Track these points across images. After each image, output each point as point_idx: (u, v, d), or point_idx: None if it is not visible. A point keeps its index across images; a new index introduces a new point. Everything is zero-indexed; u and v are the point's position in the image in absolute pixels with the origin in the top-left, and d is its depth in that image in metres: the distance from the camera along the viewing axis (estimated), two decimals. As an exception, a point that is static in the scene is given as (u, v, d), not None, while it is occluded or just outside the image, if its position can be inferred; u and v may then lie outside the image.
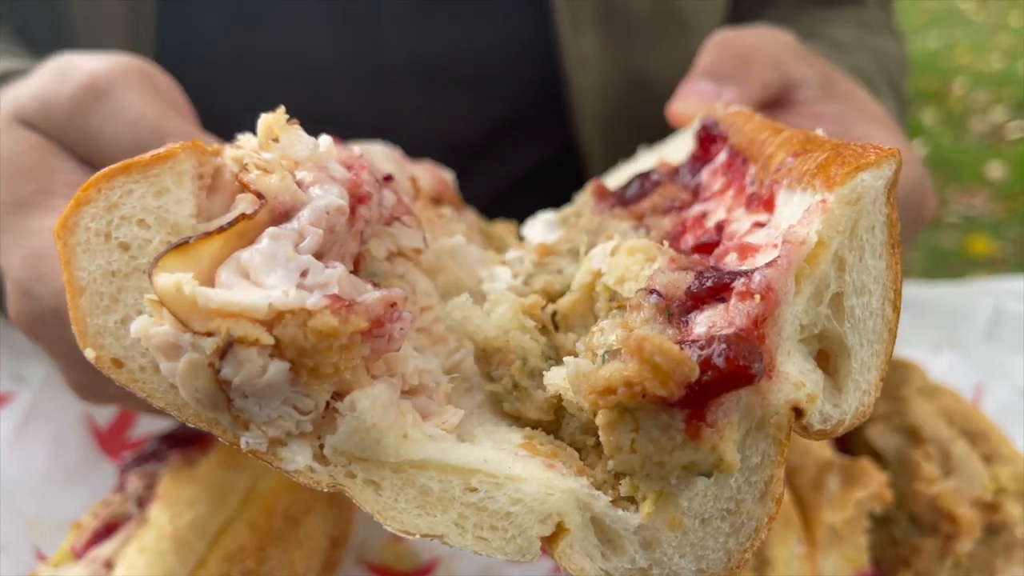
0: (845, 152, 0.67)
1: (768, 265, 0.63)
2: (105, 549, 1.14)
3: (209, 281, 0.61)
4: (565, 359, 0.67)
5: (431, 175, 1.22)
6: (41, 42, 1.53)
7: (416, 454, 0.64)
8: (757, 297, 0.61)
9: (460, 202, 1.24)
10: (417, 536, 0.63)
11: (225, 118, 1.70)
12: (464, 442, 0.68)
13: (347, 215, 0.70)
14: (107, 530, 1.07)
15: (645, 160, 1.23)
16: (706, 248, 0.76)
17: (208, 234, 0.62)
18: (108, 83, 1.04)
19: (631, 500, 0.65)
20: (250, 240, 0.64)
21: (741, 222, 0.75)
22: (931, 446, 1.27)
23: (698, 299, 0.64)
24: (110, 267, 0.66)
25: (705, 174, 0.89)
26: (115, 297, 0.66)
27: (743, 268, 0.66)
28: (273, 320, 0.59)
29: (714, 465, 0.60)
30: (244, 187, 0.67)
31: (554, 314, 0.83)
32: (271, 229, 0.64)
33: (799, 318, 0.64)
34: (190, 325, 0.58)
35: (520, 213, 1.95)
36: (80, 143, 1.05)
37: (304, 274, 0.62)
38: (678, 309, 0.65)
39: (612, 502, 0.65)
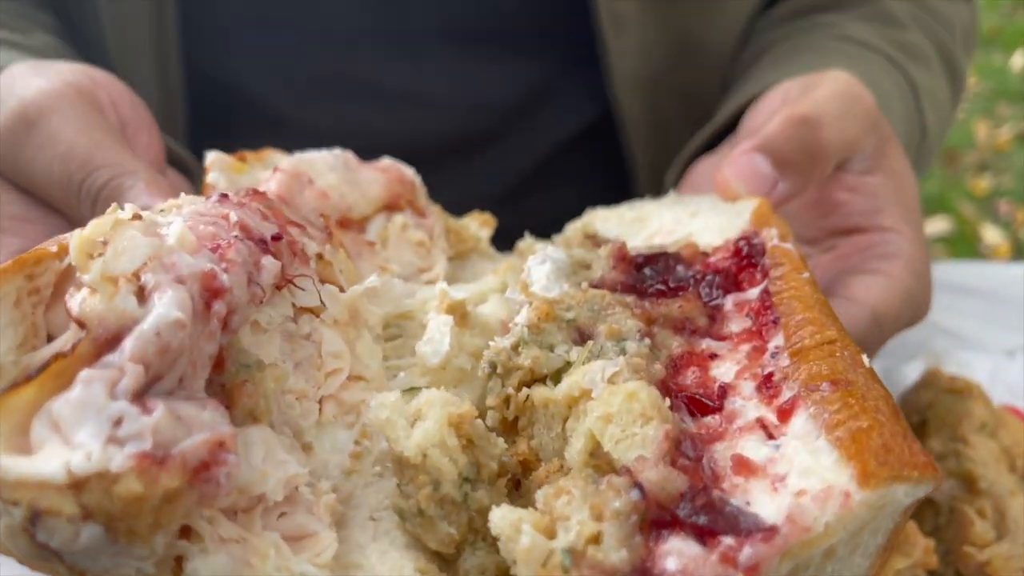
0: (891, 443, 0.64)
1: (763, 538, 0.59)
2: None
3: (24, 435, 0.58)
4: (524, 525, 0.64)
5: (387, 177, 1.13)
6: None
7: None
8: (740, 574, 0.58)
9: (422, 203, 1.15)
10: None
11: (250, 86, 1.66)
12: None
13: (187, 327, 0.64)
14: None
15: (673, 208, 1.14)
16: (701, 407, 0.74)
17: (16, 385, 0.58)
18: (39, 111, 1.01)
19: None
20: (68, 381, 0.59)
21: (746, 407, 0.73)
22: (986, 500, 1.20)
23: (680, 524, 0.62)
24: None
25: (730, 302, 0.86)
26: None
27: (737, 513, 0.63)
28: (77, 485, 0.55)
29: None
30: (68, 314, 0.62)
31: (506, 401, 0.80)
32: (84, 372, 0.59)
33: None
34: (-2, 493, 0.56)
35: (559, 184, 1.88)
36: (16, 174, 1.03)
37: (119, 422, 0.58)
38: (655, 517, 0.63)
39: None
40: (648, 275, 0.92)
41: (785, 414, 0.70)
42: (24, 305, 0.66)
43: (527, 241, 1.18)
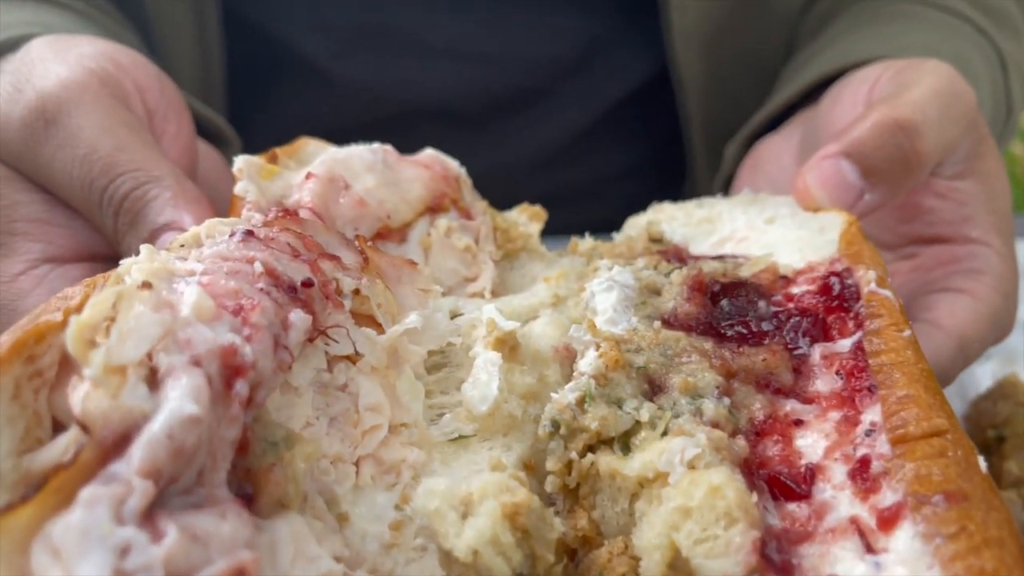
0: None
1: None
2: None
3: (25, 554, 0.51)
4: None
5: (430, 174, 1.03)
6: None
7: None
8: None
9: (468, 202, 1.05)
10: None
11: (288, 35, 1.56)
12: None
13: (203, 420, 0.56)
14: None
15: (747, 210, 1.04)
16: (786, 490, 0.67)
17: (12, 507, 0.51)
18: (59, 106, 0.93)
19: None
20: (69, 497, 0.52)
21: (839, 501, 0.65)
22: None
23: None
24: None
25: (817, 353, 0.78)
26: None
27: None
28: (81, 630, 0.48)
29: None
30: (70, 413, 0.55)
31: (568, 466, 0.73)
32: (87, 491, 0.51)
33: None
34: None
35: (610, 146, 1.77)
36: (34, 173, 0.96)
37: (126, 551, 0.50)
38: None
39: None
40: (726, 310, 0.83)
41: (887, 523, 0.61)
42: (24, 394, 0.58)
43: (586, 242, 1.07)
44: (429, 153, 1.06)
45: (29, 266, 0.89)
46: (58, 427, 0.60)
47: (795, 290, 0.85)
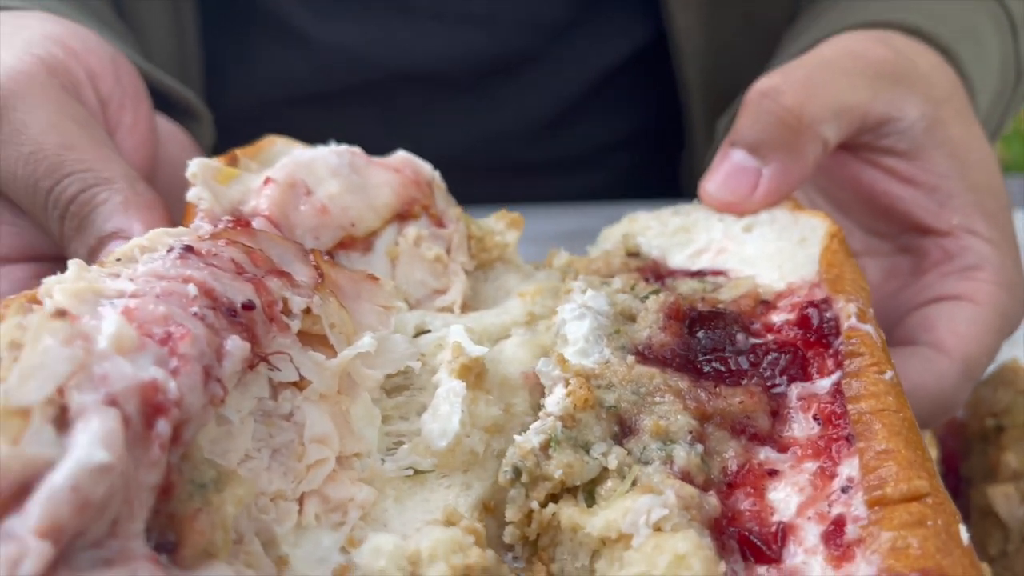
0: None
1: None
2: None
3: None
4: None
5: (400, 179, 0.98)
6: None
7: None
8: None
9: (441, 208, 0.99)
10: None
11: (267, 2, 1.48)
12: None
13: (115, 468, 0.51)
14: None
15: (724, 217, 1.00)
16: (756, 551, 0.63)
17: None
18: (3, 100, 0.87)
19: None
20: (-42, 557, 0.47)
21: (810, 567, 0.61)
22: None
23: None
24: None
25: (794, 394, 0.74)
26: None
27: None
28: None
29: None
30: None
31: (529, 516, 0.69)
32: (-25, 552, 0.46)
33: None
34: None
35: (606, 112, 1.71)
36: None
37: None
38: None
39: None
40: (703, 342, 0.78)
41: None
42: None
43: (562, 256, 1.02)
44: (401, 156, 1.01)
45: None
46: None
47: (775, 319, 0.80)
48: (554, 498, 0.68)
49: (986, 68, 1.18)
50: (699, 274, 0.94)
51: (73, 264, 0.63)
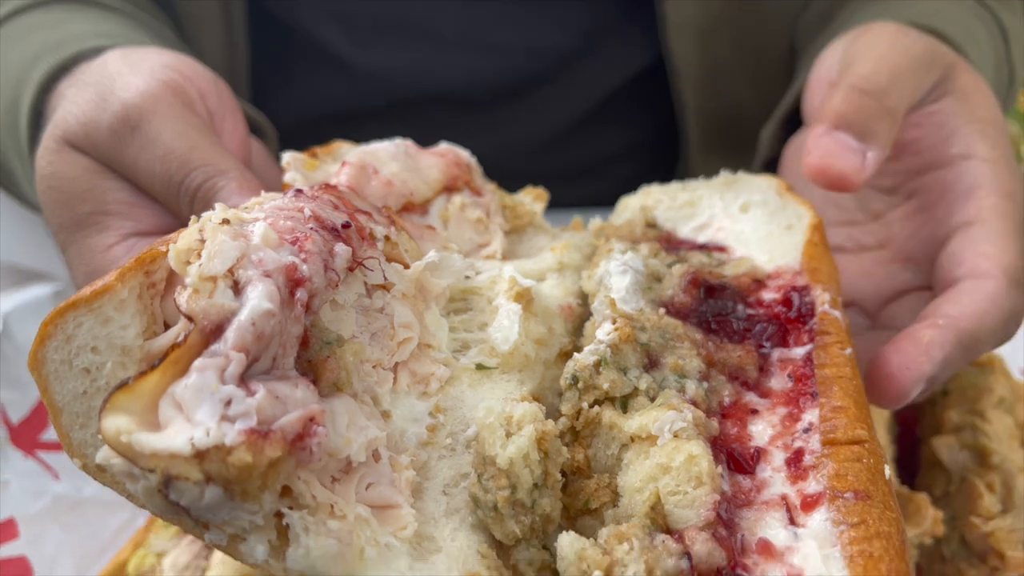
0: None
1: None
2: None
3: (154, 412, 0.69)
4: (593, 569, 0.74)
5: (445, 161, 1.21)
6: None
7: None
8: None
9: (479, 183, 1.23)
10: None
11: (311, 28, 1.71)
12: (416, 561, 0.76)
13: (276, 315, 0.74)
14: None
15: (724, 195, 1.18)
16: (739, 466, 0.83)
17: (143, 374, 0.70)
18: (141, 115, 1.10)
19: None
20: (184, 367, 0.70)
21: (775, 480, 0.81)
22: (996, 475, 1.26)
23: None
24: (78, 390, 0.76)
25: (776, 356, 0.94)
26: (87, 414, 0.76)
27: None
28: (200, 456, 0.66)
29: None
30: (177, 309, 0.73)
31: (578, 413, 0.89)
32: (198, 361, 0.69)
33: None
34: (135, 463, 0.67)
35: (609, 128, 1.93)
36: (121, 169, 1.14)
37: (229, 403, 0.68)
38: None
39: None
40: (713, 307, 0.99)
41: (808, 505, 0.78)
42: (145, 298, 0.77)
43: (595, 221, 1.24)
44: (443, 145, 1.25)
45: (120, 239, 1.08)
46: (166, 328, 0.79)
47: (766, 296, 1.01)
48: (598, 403, 0.89)
49: (985, 70, 1.32)
50: (704, 248, 1.15)
51: (218, 205, 0.87)
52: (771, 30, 1.72)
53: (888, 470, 0.81)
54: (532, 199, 1.31)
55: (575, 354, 0.93)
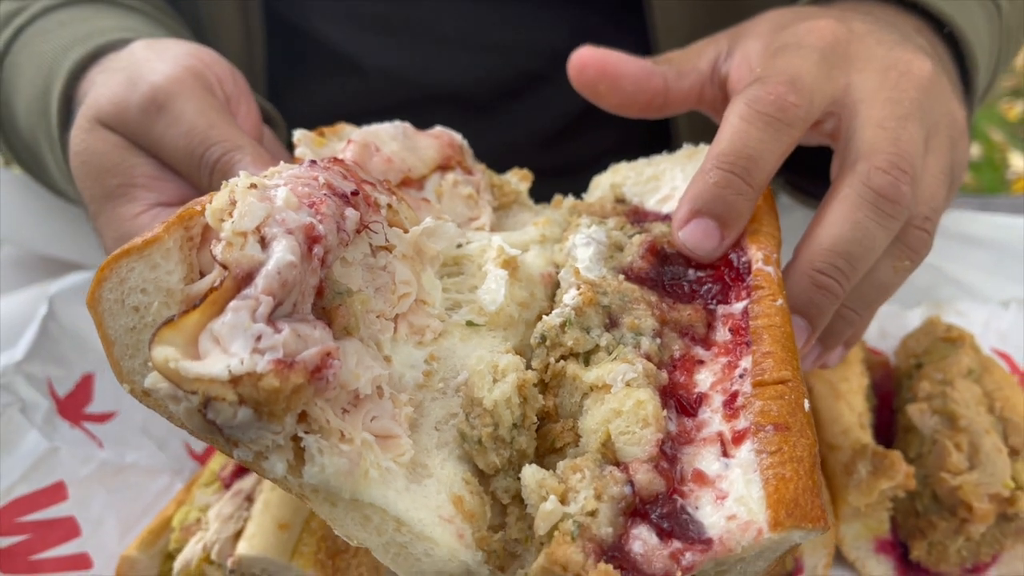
0: (801, 499, 0.82)
1: (700, 549, 0.81)
2: (246, 482, 1.43)
3: (195, 345, 0.81)
4: (548, 494, 0.86)
5: (439, 142, 1.34)
6: None
7: (367, 496, 0.85)
8: (678, 573, 0.80)
9: (469, 163, 1.35)
10: (354, 542, 0.86)
11: (323, 30, 1.81)
12: (411, 483, 0.89)
13: (297, 266, 0.86)
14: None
15: (685, 167, 1.28)
16: (684, 409, 0.94)
17: (186, 311, 0.82)
18: (167, 96, 1.22)
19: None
20: (221, 308, 0.82)
21: (713, 420, 0.91)
22: (963, 436, 1.37)
23: (649, 519, 0.83)
24: (128, 325, 0.88)
25: (720, 313, 1.03)
26: (136, 346, 0.88)
27: (688, 521, 0.84)
28: (235, 381, 0.78)
29: None
30: (213, 259, 0.85)
31: (546, 367, 1.01)
32: (232, 303, 0.81)
33: None
34: (180, 386, 0.79)
35: (601, 126, 1.99)
36: (148, 146, 1.26)
37: (259, 338, 0.80)
38: (635, 509, 0.84)
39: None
40: (667, 272, 1.11)
41: (738, 440, 0.88)
42: (185, 249, 0.89)
43: (568, 200, 1.37)
44: (438, 128, 1.38)
45: (146, 208, 1.20)
46: (202, 276, 0.91)
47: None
48: (563, 358, 0.98)
49: (980, 45, 1.38)
50: (667, 218, 1.25)
51: (243, 172, 0.98)
52: None
53: (807, 403, 0.90)
54: (518, 179, 1.44)
55: (544, 316, 1.06)
